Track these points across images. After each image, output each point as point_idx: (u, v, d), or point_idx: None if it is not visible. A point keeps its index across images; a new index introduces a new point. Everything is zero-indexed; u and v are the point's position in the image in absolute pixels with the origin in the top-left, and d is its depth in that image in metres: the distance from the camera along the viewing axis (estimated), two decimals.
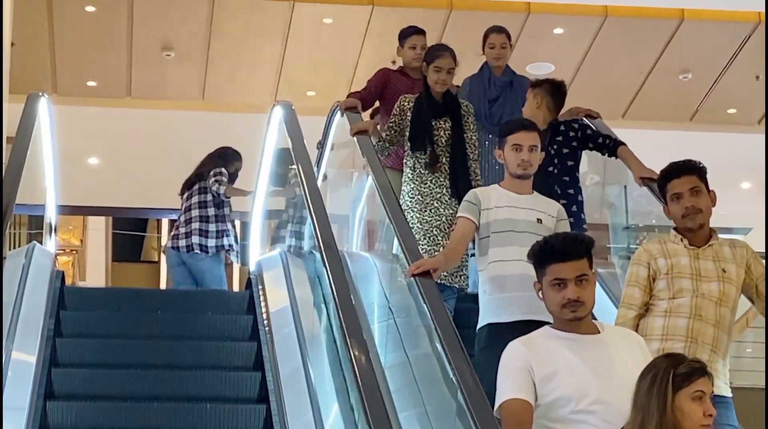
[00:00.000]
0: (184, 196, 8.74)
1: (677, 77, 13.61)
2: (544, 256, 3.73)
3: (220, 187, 8.52)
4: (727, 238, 4.76)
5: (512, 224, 5.08)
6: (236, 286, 13.60)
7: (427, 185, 6.34)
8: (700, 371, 3.47)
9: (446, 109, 6.53)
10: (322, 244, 5.64)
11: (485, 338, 4.96)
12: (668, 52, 13.19)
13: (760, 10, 12.34)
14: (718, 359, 4.57)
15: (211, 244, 8.49)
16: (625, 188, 7.04)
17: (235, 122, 13.03)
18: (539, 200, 5.23)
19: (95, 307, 6.71)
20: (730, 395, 4.61)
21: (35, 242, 6.84)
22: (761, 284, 4.69)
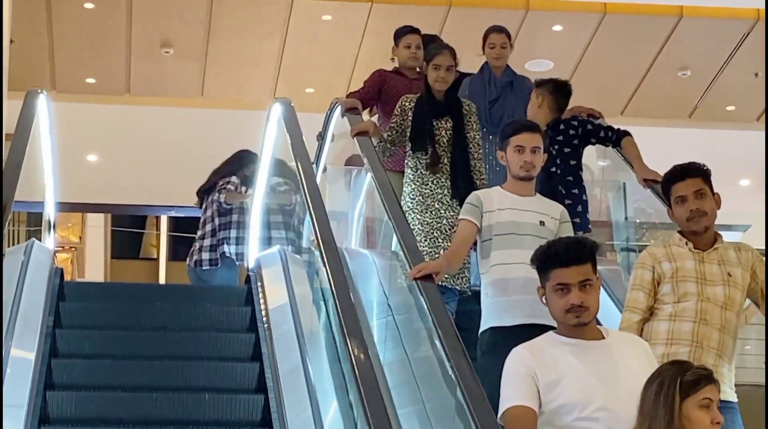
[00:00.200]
0: (202, 206, 8.70)
1: (676, 74, 13.61)
2: (547, 260, 3.71)
3: (220, 196, 8.51)
4: (732, 241, 4.71)
5: (515, 227, 5.02)
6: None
7: (428, 186, 6.28)
8: (707, 378, 3.46)
9: (448, 108, 6.47)
10: (321, 241, 5.64)
11: (488, 342, 4.93)
12: (667, 49, 13.18)
13: (759, 6, 12.35)
14: (723, 364, 4.52)
15: (212, 256, 8.45)
16: (624, 185, 7.03)
17: (233, 119, 13.03)
18: (542, 202, 5.17)
19: (94, 299, 6.76)
20: (735, 400, 4.56)
21: (34, 239, 6.82)
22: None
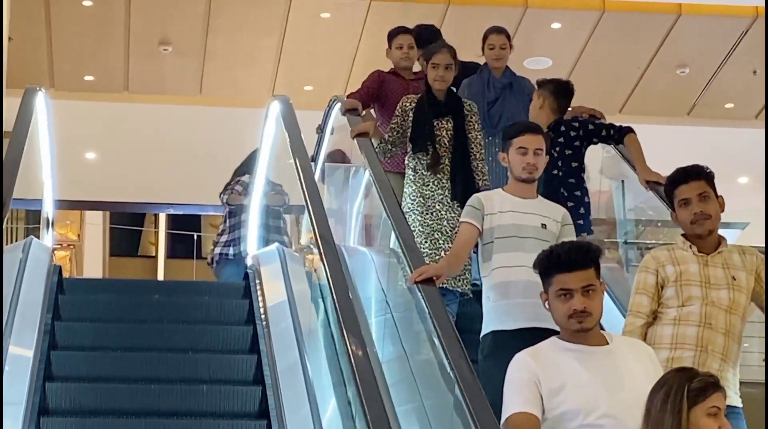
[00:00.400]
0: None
1: (675, 72, 13.61)
2: (550, 265, 3.66)
3: (224, 196, 8.53)
4: (736, 244, 4.65)
5: (516, 230, 4.97)
6: None
7: (429, 187, 6.22)
8: (714, 386, 3.43)
9: (449, 108, 6.42)
10: (319, 238, 5.64)
11: (489, 345, 4.89)
12: (666, 46, 13.19)
13: (757, 4, 12.35)
14: (728, 368, 4.47)
15: (223, 252, 8.47)
16: (622, 183, 7.02)
17: (232, 117, 13.05)
18: (544, 205, 5.11)
19: (94, 292, 6.80)
20: (740, 405, 4.51)
21: (32, 237, 6.81)
22: None
